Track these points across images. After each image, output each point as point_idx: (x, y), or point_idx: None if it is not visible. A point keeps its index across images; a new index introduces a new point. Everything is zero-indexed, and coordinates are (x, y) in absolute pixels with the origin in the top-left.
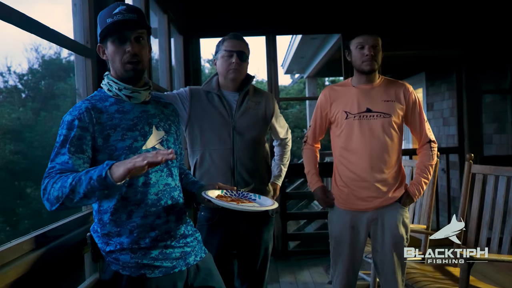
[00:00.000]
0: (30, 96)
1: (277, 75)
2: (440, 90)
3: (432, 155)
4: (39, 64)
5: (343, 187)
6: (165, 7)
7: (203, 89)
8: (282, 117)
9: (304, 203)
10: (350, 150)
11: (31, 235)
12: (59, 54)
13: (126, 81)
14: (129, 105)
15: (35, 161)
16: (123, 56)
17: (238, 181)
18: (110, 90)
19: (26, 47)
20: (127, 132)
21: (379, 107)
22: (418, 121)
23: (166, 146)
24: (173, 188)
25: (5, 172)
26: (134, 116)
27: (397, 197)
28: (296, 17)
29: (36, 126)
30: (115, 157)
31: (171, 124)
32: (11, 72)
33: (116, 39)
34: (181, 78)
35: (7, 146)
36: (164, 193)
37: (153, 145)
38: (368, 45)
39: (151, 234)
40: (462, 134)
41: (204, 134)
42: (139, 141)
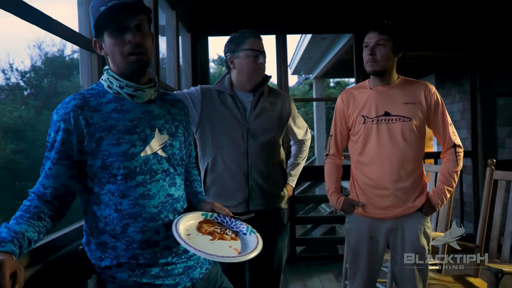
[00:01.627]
0: (32, 94)
1: (287, 75)
2: (451, 93)
3: (457, 161)
4: (42, 61)
5: (361, 195)
6: (173, 3)
7: (215, 88)
8: (301, 117)
9: (311, 206)
10: (368, 157)
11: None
12: (62, 52)
13: (129, 77)
14: (130, 104)
15: (36, 160)
16: (124, 48)
17: (253, 187)
18: (110, 87)
19: (29, 44)
20: (123, 136)
21: (399, 110)
22: (441, 123)
23: (170, 152)
24: (175, 200)
25: (6, 172)
26: (134, 116)
27: (418, 206)
28: (307, 16)
29: (38, 124)
30: (109, 163)
31: (179, 126)
32: (13, 70)
33: (114, 30)
34: (189, 76)
35: (8, 145)
36: (166, 206)
37: (155, 151)
38: (371, 44)
39: (148, 251)
40: (476, 137)
41: (216, 136)
42: (137, 146)
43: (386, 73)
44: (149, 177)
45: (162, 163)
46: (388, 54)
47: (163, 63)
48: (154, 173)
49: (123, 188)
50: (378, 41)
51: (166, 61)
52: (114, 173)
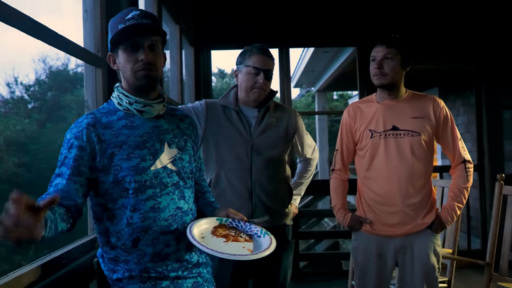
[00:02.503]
0: (36, 107)
1: (290, 88)
2: (455, 106)
3: (468, 177)
4: (46, 75)
5: (369, 211)
6: (176, 17)
7: (220, 103)
8: (309, 135)
9: (314, 220)
10: (376, 172)
11: (31, 266)
12: (66, 66)
13: (138, 93)
14: (140, 120)
15: (39, 174)
16: (135, 65)
17: (256, 204)
18: (120, 104)
19: (34, 58)
20: (134, 151)
21: (407, 124)
22: (450, 139)
23: (180, 165)
24: (185, 213)
25: (9, 185)
26: (144, 132)
27: (428, 223)
28: (310, 30)
29: (41, 137)
30: (120, 178)
31: (187, 140)
32: (18, 83)
33: (128, 46)
34: (192, 90)
35: (11, 159)
36: (175, 218)
37: (164, 165)
38: (378, 57)
39: (159, 264)
40: (482, 151)
41: (220, 151)
42: (147, 160)
43: (394, 87)
44: (159, 191)
45: (172, 177)
46: (396, 67)
47: (166, 76)
48: (164, 186)
49: (134, 202)
50: (386, 55)
51: (169, 74)
52: (126, 187)
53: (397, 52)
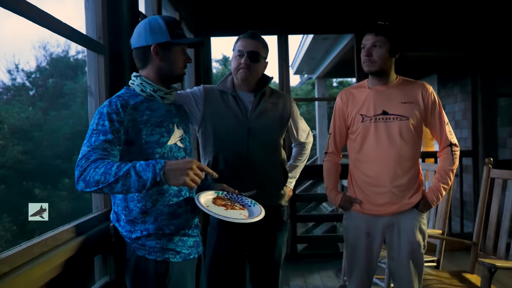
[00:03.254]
0: (38, 94)
1: (288, 75)
2: (453, 93)
3: (453, 159)
4: (47, 62)
5: (359, 192)
6: (176, 4)
7: (217, 88)
8: (303, 120)
9: (313, 205)
10: (366, 155)
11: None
12: (67, 52)
13: (163, 84)
14: (157, 104)
15: (43, 161)
16: (184, 61)
17: (253, 185)
18: (144, 91)
19: (34, 44)
20: (155, 128)
21: (396, 109)
22: (438, 123)
23: (184, 144)
24: None
25: (13, 172)
26: (161, 114)
27: (414, 203)
28: (309, 17)
29: (45, 125)
30: (145, 150)
31: (187, 125)
32: (19, 70)
33: (185, 47)
34: (192, 76)
35: (16, 146)
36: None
37: (175, 142)
38: (367, 45)
39: (174, 221)
40: (476, 137)
41: (217, 135)
42: (165, 136)
43: (383, 73)
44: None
45: (180, 152)
46: (384, 55)
47: None
48: (175, 159)
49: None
50: (374, 43)
51: None
52: (149, 158)
53: (385, 40)
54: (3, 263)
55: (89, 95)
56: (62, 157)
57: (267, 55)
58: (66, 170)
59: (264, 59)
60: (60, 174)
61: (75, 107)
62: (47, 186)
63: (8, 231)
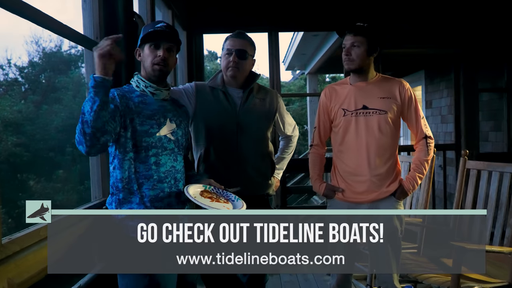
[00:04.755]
0: (30, 89)
1: (279, 71)
2: (439, 88)
3: (428, 151)
4: (40, 57)
5: (341, 181)
6: (169, 2)
7: (208, 84)
8: (289, 114)
9: (304, 197)
10: (347, 146)
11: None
12: (59, 47)
13: (152, 80)
14: (151, 99)
15: (36, 154)
16: (154, 59)
17: (242, 176)
18: (138, 87)
19: (26, 39)
20: (146, 120)
21: (375, 104)
22: (414, 117)
23: (175, 137)
24: (176, 171)
25: (7, 165)
26: (153, 108)
27: (392, 191)
28: (299, 14)
29: (37, 119)
30: (136, 136)
31: (182, 121)
32: (11, 65)
33: (152, 44)
34: (185, 73)
35: (10, 138)
36: (170, 173)
37: (165, 134)
38: (347, 45)
39: (156, 204)
40: (459, 131)
41: (208, 129)
42: (154, 127)
43: (362, 71)
44: (160, 151)
45: (170, 143)
46: (362, 54)
47: None
48: (163, 149)
49: (142, 156)
50: (353, 43)
51: None
52: (137, 145)
53: (363, 40)
54: (14, 243)
55: (87, 92)
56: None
57: (255, 53)
58: (59, 163)
59: (252, 56)
60: (54, 166)
61: (67, 100)
62: (42, 178)
63: (4, 224)
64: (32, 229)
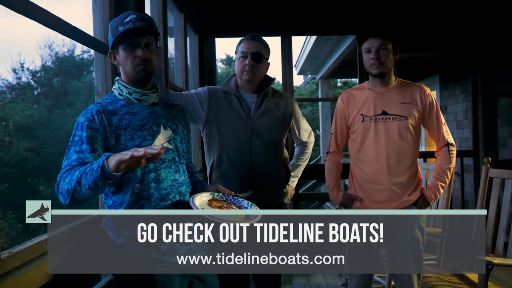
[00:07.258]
0: (43, 93)
1: (292, 75)
2: (454, 93)
3: (450, 158)
4: (52, 61)
5: (359, 190)
6: (181, 6)
7: (221, 89)
8: (305, 120)
9: (316, 204)
10: (366, 153)
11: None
12: (72, 52)
13: (136, 84)
14: (138, 107)
15: (47, 158)
16: (134, 61)
17: (256, 184)
18: (121, 94)
19: (40, 43)
20: (136, 132)
21: (395, 109)
22: (435, 123)
23: (174, 144)
24: (180, 183)
25: (18, 169)
26: (143, 117)
27: (413, 201)
28: (312, 18)
29: (49, 123)
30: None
31: (178, 124)
32: (24, 69)
33: (127, 45)
34: (196, 77)
35: (21, 143)
36: (172, 188)
37: (162, 143)
38: (374, 48)
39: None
40: (477, 137)
41: (221, 134)
42: (148, 140)
43: (386, 75)
44: (159, 165)
45: (169, 154)
46: (390, 56)
47: (171, 64)
48: (162, 161)
49: (139, 174)
50: (380, 45)
51: (174, 61)
52: None
53: (390, 43)
54: (15, 257)
55: (96, 96)
56: None
57: (269, 56)
58: None
59: (267, 59)
60: None
61: (79, 105)
62: (52, 183)
63: (13, 229)
64: (34, 241)
